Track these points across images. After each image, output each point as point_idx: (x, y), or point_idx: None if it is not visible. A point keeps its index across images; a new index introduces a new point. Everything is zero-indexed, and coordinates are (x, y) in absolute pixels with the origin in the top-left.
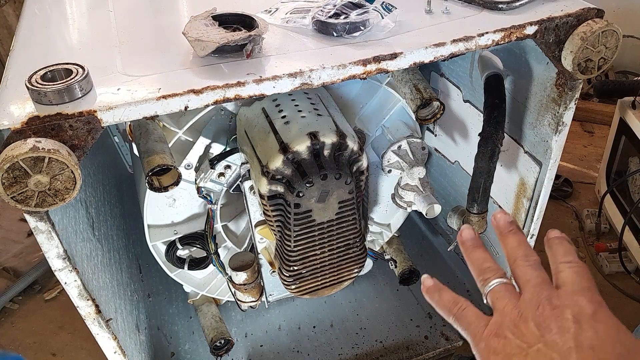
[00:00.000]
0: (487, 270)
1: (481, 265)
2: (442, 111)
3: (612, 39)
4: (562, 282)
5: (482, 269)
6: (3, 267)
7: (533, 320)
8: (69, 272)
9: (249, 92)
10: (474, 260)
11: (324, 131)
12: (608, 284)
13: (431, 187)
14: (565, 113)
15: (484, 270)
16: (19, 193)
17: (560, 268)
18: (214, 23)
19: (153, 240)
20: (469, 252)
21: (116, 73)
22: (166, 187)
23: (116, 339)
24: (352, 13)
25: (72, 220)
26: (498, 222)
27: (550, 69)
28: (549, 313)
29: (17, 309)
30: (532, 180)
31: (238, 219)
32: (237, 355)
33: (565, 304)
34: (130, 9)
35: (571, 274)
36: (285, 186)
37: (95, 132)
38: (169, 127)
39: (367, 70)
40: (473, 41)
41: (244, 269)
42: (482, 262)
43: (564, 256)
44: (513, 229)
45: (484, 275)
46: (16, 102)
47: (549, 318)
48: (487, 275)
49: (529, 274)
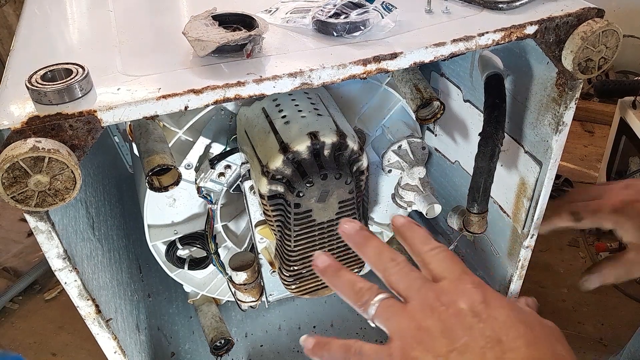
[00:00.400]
0: (360, 292)
1: (352, 289)
2: (442, 111)
3: (612, 38)
4: (437, 274)
5: (355, 292)
6: (3, 267)
7: (435, 329)
8: (69, 272)
9: (249, 92)
10: (341, 286)
11: (324, 131)
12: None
13: (431, 187)
14: (566, 113)
15: (358, 294)
16: (19, 193)
17: (427, 259)
18: (214, 23)
19: (153, 240)
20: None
21: (116, 73)
22: (166, 187)
23: (116, 339)
24: (352, 13)
25: (72, 220)
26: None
27: (550, 68)
28: (446, 315)
29: (17, 309)
30: (532, 180)
31: (238, 219)
32: (237, 355)
33: (454, 298)
34: (130, 9)
35: (440, 262)
36: (286, 186)
37: (95, 132)
38: (169, 127)
39: (367, 70)
40: (473, 41)
41: (244, 269)
42: (351, 286)
43: (422, 244)
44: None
45: (360, 300)
46: (16, 102)
47: (449, 320)
48: (363, 298)
49: (405, 279)
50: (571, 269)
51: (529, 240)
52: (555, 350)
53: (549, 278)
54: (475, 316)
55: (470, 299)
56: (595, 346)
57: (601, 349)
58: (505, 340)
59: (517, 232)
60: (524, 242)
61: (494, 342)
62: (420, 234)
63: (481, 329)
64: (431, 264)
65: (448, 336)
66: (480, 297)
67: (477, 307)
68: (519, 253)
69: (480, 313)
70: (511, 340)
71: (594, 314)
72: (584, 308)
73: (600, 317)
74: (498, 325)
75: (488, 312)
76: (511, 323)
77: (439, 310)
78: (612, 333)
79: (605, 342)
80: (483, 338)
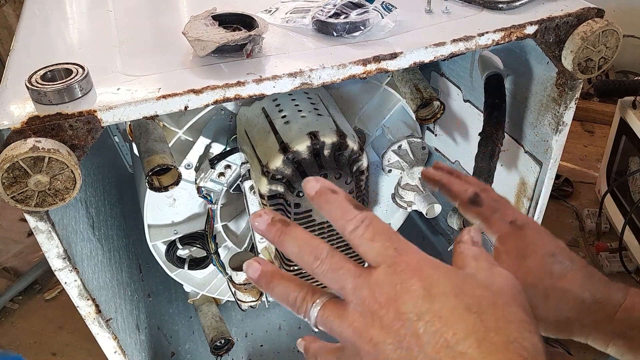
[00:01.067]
0: (295, 304)
1: (287, 302)
2: (442, 111)
3: (612, 38)
4: (369, 259)
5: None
6: (3, 267)
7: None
8: (69, 272)
9: (249, 92)
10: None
11: (324, 131)
12: None
13: None
14: (566, 113)
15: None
16: (19, 193)
17: (355, 241)
18: (214, 23)
19: (153, 240)
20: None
21: (116, 73)
22: (166, 187)
23: (116, 338)
24: (352, 13)
25: (72, 220)
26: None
27: (550, 68)
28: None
29: (17, 309)
30: (532, 180)
31: (238, 219)
32: (237, 355)
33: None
34: (130, 9)
35: (368, 242)
36: (286, 186)
37: (95, 132)
38: (169, 126)
39: (367, 70)
40: (473, 41)
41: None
42: (286, 298)
43: (344, 219)
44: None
45: (299, 311)
46: (16, 102)
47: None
48: (302, 309)
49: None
50: None
51: None
52: (510, 337)
53: None
54: (419, 319)
55: (408, 295)
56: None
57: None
58: (453, 344)
59: None
60: None
61: (443, 349)
62: (338, 204)
63: (426, 336)
64: (360, 247)
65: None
66: (419, 290)
67: (417, 306)
68: None
69: (422, 314)
70: (459, 343)
71: None
72: None
73: None
74: (443, 325)
75: (430, 310)
76: (457, 316)
77: (379, 314)
78: None
79: None
80: (430, 346)
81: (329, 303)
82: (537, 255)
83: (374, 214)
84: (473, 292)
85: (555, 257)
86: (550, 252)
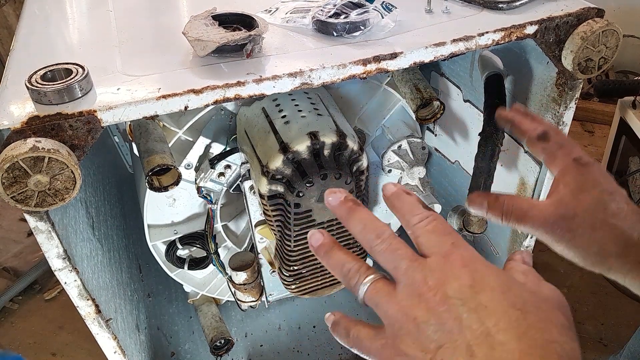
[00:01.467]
0: (349, 274)
1: (341, 271)
2: (442, 111)
3: (612, 38)
4: (425, 249)
5: (344, 275)
6: (3, 267)
7: (423, 321)
8: (69, 272)
9: (249, 92)
10: (332, 267)
11: (324, 131)
12: (608, 284)
13: (431, 186)
14: (566, 113)
15: (346, 276)
16: (19, 193)
17: (416, 232)
18: (214, 23)
19: (153, 240)
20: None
21: (116, 73)
22: (166, 187)
23: (116, 338)
24: (352, 13)
25: (72, 220)
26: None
27: (550, 68)
28: (433, 303)
29: (17, 309)
30: (532, 180)
31: (238, 219)
32: (237, 355)
33: (441, 281)
34: (130, 9)
35: (429, 235)
36: (285, 186)
37: (95, 132)
38: (169, 126)
39: (367, 70)
40: (473, 41)
41: (244, 268)
42: (341, 267)
43: (411, 214)
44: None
45: (349, 283)
46: (16, 102)
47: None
48: (352, 281)
49: (391, 259)
50: (571, 269)
51: (528, 240)
52: (550, 337)
53: (549, 278)
54: (463, 304)
55: (457, 282)
56: (595, 346)
57: (601, 349)
58: (493, 333)
59: (517, 232)
60: (524, 242)
61: (482, 337)
62: (409, 202)
63: (469, 321)
64: (420, 237)
65: (436, 331)
66: (468, 280)
67: (464, 293)
68: None
69: (467, 300)
70: (500, 332)
71: (594, 314)
72: (584, 308)
73: (600, 317)
74: (486, 315)
75: (476, 299)
76: (502, 310)
77: (426, 296)
78: (612, 333)
79: (605, 342)
80: (470, 332)
81: (380, 280)
82: (595, 190)
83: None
84: (520, 293)
85: (613, 195)
86: (609, 191)
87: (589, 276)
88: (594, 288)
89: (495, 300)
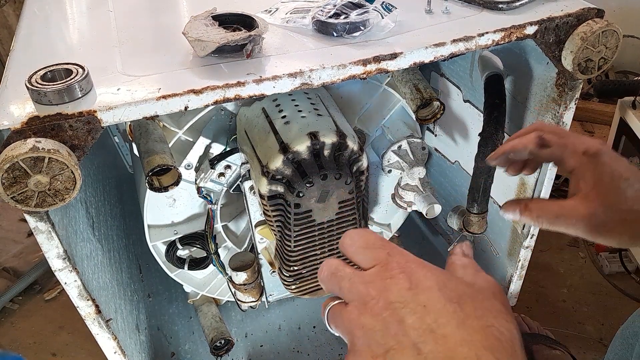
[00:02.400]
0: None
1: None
2: (442, 111)
3: (612, 38)
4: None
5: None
6: (3, 267)
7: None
8: (69, 272)
9: (249, 92)
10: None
11: (324, 131)
12: (608, 284)
13: (431, 187)
14: (566, 113)
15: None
16: (19, 193)
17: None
18: (214, 23)
19: (153, 240)
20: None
21: (116, 73)
22: (166, 187)
23: (116, 339)
24: (352, 13)
25: (72, 220)
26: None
27: (550, 68)
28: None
29: (17, 309)
30: (532, 181)
31: (238, 219)
32: (237, 355)
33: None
34: (130, 9)
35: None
36: (285, 186)
37: (95, 132)
38: (169, 127)
39: (367, 70)
40: (473, 41)
41: (244, 269)
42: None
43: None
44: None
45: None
46: (16, 102)
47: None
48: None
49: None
50: (571, 269)
51: (528, 240)
52: (487, 323)
53: (549, 278)
54: (404, 307)
55: (397, 287)
56: (595, 346)
57: (601, 349)
58: (435, 328)
59: (517, 232)
60: (524, 242)
61: (426, 334)
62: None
63: (412, 322)
64: (356, 256)
65: (383, 335)
66: (406, 283)
67: (404, 296)
68: (518, 253)
69: (408, 302)
70: (440, 327)
71: (594, 314)
72: (584, 308)
73: (600, 317)
74: (426, 313)
75: (416, 299)
76: (440, 306)
77: (370, 305)
78: (612, 333)
79: (605, 342)
80: (415, 331)
81: (336, 305)
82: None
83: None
84: (456, 287)
85: (628, 181)
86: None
87: (589, 276)
88: (594, 288)
89: (433, 298)
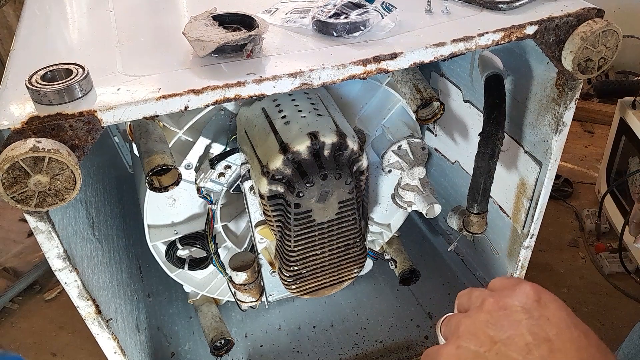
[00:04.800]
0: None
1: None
2: (442, 111)
3: (612, 38)
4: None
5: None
6: (3, 267)
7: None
8: (69, 272)
9: (249, 92)
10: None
11: (324, 131)
12: (608, 284)
13: (431, 187)
14: (566, 113)
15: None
16: (19, 193)
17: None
18: (214, 23)
19: (153, 240)
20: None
21: (116, 73)
22: (166, 187)
23: (116, 339)
24: (352, 13)
25: (72, 220)
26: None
27: (550, 68)
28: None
29: (17, 309)
30: (532, 180)
31: (238, 219)
32: (237, 355)
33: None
34: (130, 9)
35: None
36: (285, 186)
37: (96, 132)
38: (169, 127)
39: (367, 70)
40: (473, 41)
41: (244, 269)
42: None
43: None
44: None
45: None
46: (16, 102)
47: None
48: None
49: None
50: (571, 269)
51: (528, 240)
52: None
53: (549, 278)
54: (526, 313)
55: (524, 296)
56: None
57: None
58: (554, 340)
59: (517, 232)
60: (524, 242)
61: (542, 340)
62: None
63: (529, 326)
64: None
65: (494, 328)
66: (534, 296)
67: (529, 305)
68: (519, 253)
69: (531, 310)
70: (561, 342)
71: (594, 314)
72: (584, 308)
73: (600, 317)
74: (549, 326)
75: (540, 312)
76: (565, 326)
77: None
78: (612, 333)
79: (605, 342)
80: (530, 334)
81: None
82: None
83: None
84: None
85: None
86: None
87: (589, 276)
88: (594, 288)
89: (560, 318)
